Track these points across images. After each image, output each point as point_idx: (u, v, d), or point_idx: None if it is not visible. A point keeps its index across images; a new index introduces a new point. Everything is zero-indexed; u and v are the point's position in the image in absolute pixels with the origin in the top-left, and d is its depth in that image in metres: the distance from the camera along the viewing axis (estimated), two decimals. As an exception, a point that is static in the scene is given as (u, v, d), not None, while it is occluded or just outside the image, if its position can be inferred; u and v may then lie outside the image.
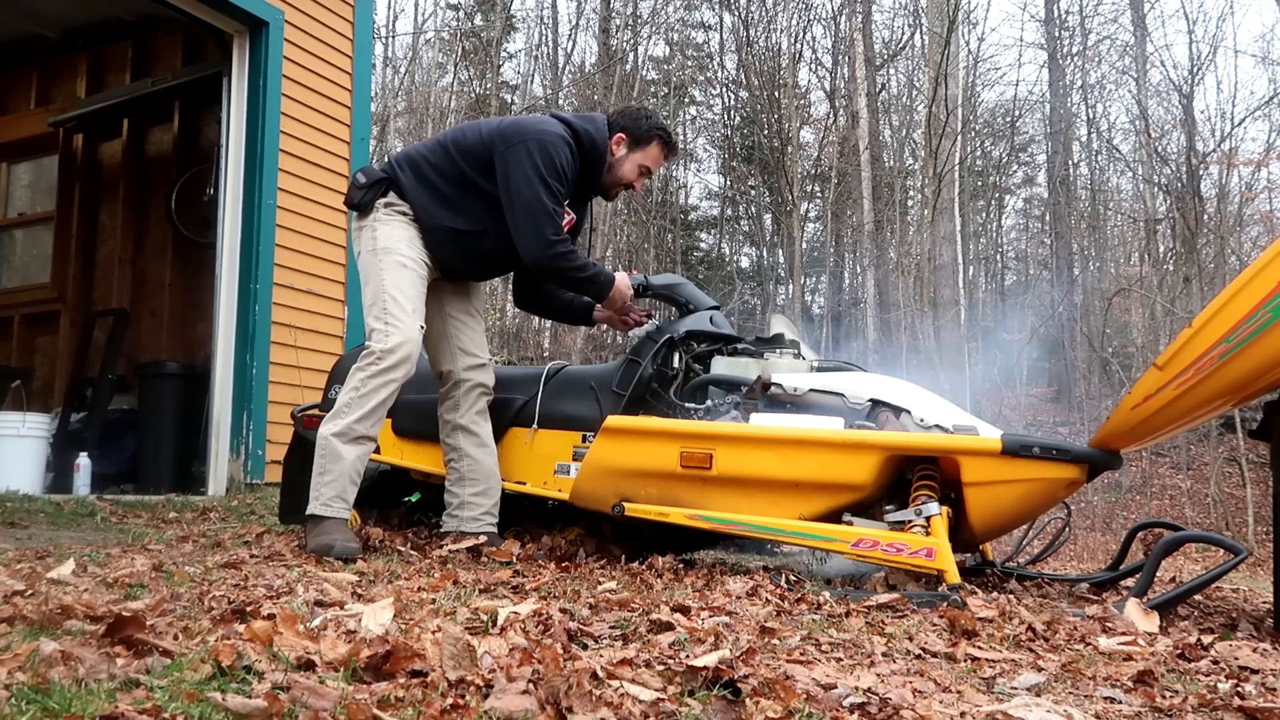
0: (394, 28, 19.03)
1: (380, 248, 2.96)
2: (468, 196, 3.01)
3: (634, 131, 3.09)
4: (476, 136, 3.03)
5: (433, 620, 1.74)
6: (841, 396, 2.88)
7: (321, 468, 2.85)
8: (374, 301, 2.94)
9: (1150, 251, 17.76)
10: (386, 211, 3.01)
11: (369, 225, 3.01)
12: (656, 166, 3.17)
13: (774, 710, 1.28)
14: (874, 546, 2.54)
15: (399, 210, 3.01)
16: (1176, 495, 13.02)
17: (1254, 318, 2.11)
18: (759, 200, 19.92)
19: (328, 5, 6.36)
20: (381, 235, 2.98)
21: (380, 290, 2.92)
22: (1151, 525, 3.04)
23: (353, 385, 2.88)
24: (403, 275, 2.94)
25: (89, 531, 3.75)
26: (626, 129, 3.09)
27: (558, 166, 2.92)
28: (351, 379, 2.90)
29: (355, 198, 3.04)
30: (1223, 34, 24.22)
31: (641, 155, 3.11)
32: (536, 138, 2.93)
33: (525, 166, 2.89)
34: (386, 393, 2.88)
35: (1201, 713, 1.44)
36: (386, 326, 2.88)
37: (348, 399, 2.87)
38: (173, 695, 1.20)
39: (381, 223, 3.00)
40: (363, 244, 3.02)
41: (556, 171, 2.92)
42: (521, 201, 2.90)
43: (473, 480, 3.10)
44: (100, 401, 6.39)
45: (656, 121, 3.15)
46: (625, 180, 3.13)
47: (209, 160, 6.39)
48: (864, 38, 17.74)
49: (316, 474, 2.86)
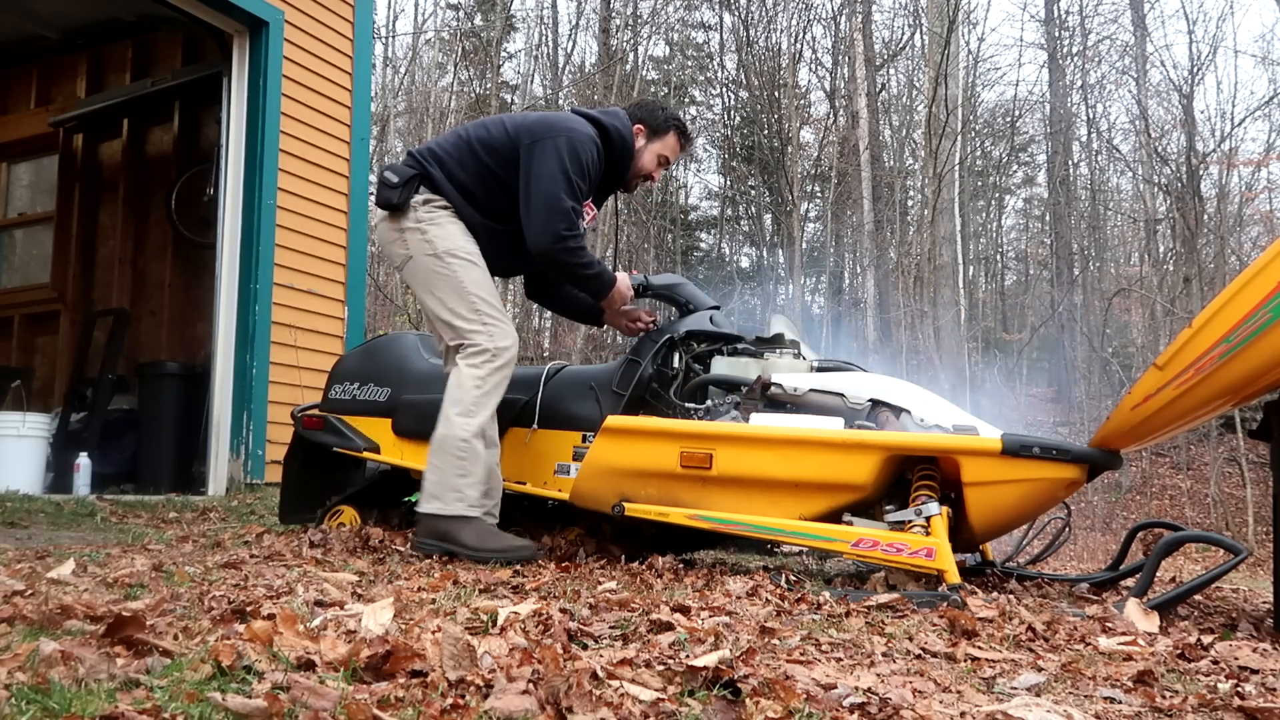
0: (394, 28, 19.09)
1: (443, 250, 2.92)
2: (494, 193, 3.00)
3: (651, 122, 3.14)
4: (502, 132, 3.01)
5: (433, 620, 1.74)
6: (841, 396, 2.88)
7: (463, 469, 2.80)
8: (460, 302, 2.90)
9: (1150, 251, 17.77)
10: (429, 209, 2.96)
11: (416, 227, 2.95)
12: (674, 156, 3.21)
13: (774, 710, 1.28)
14: (874, 546, 2.54)
15: (440, 206, 2.97)
16: (1176, 495, 13.02)
17: (1254, 318, 2.11)
18: (759, 200, 19.92)
19: (328, 5, 6.36)
20: (437, 235, 2.94)
21: (463, 290, 2.90)
22: (1151, 525, 3.04)
23: (473, 384, 2.84)
24: (478, 273, 2.95)
25: (89, 531, 3.75)
26: (644, 120, 3.14)
27: (584, 164, 2.93)
28: (468, 378, 2.84)
29: (393, 198, 2.95)
30: (1223, 34, 24.26)
31: (660, 145, 3.15)
32: (566, 135, 2.93)
33: (551, 162, 2.89)
34: (502, 390, 2.90)
35: (1201, 713, 1.44)
36: (488, 326, 2.89)
37: (474, 398, 2.83)
38: (173, 695, 1.20)
39: (432, 223, 2.95)
40: (413, 246, 2.95)
41: (582, 169, 2.93)
42: (540, 193, 2.90)
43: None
44: (100, 401, 6.39)
45: (672, 112, 3.20)
46: (645, 171, 3.17)
47: (209, 160, 6.39)
48: (864, 38, 17.74)
49: (456, 475, 2.80)
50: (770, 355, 3.09)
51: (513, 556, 2.73)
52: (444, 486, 2.81)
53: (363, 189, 6.57)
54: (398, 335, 3.88)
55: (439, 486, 2.82)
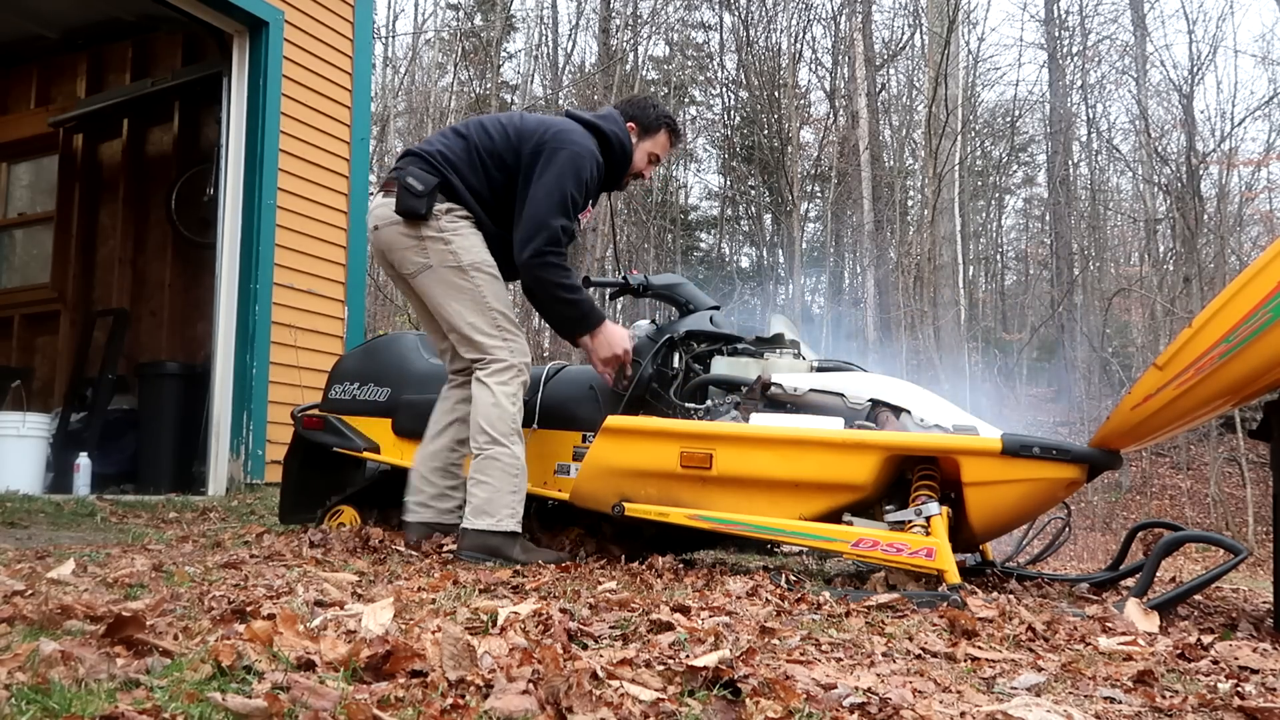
0: (394, 28, 19.09)
1: (468, 263, 2.93)
2: (502, 201, 3.01)
3: (644, 120, 3.15)
4: (504, 138, 3.00)
5: (433, 620, 1.74)
6: (841, 396, 2.88)
7: (515, 486, 2.87)
8: (482, 317, 2.92)
9: (1150, 251, 17.77)
10: (452, 219, 2.95)
11: (439, 236, 2.93)
12: (664, 154, 3.23)
13: (774, 710, 1.28)
14: (874, 546, 2.54)
15: (461, 215, 2.97)
16: (1176, 495, 13.01)
17: (1254, 318, 2.11)
18: (759, 200, 19.92)
19: (328, 5, 6.36)
20: (461, 247, 2.93)
21: (485, 305, 2.93)
22: (1151, 525, 3.04)
23: (510, 401, 2.88)
24: (499, 286, 2.98)
25: (89, 531, 3.75)
26: (636, 118, 3.15)
27: (584, 181, 2.95)
28: (505, 396, 2.87)
29: (420, 207, 2.91)
30: (1223, 34, 24.25)
31: (651, 143, 3.17)
32: (569, 151, 2.93)
33: (550, 178, 2.91)
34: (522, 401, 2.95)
35: (1201, 713, 1.44)
36: (508, 341, 2.93)
37: (513, 414, 2.88)
38: (173, 695, 1.20)
39: (456, 233, 2.94)
40: (434, 255, 2.92)
41: (582, 185, 2.95)
42: (537, 207, 2.90)
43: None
44: (100, 401, 6.40)
45: (663, 110, 3.22)
46: (637, 170, 3.18)
47: (209, 160, 6.40)
48: (864, 38, 17.74)
49: (510, 492, 2.85)
50: (770, 355, 3.10)
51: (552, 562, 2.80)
52: (497, 504, 2.85)
53: (363, 189, 6.57)
54: (398, 335, 3.88)
55: (491, 504, 2.85)
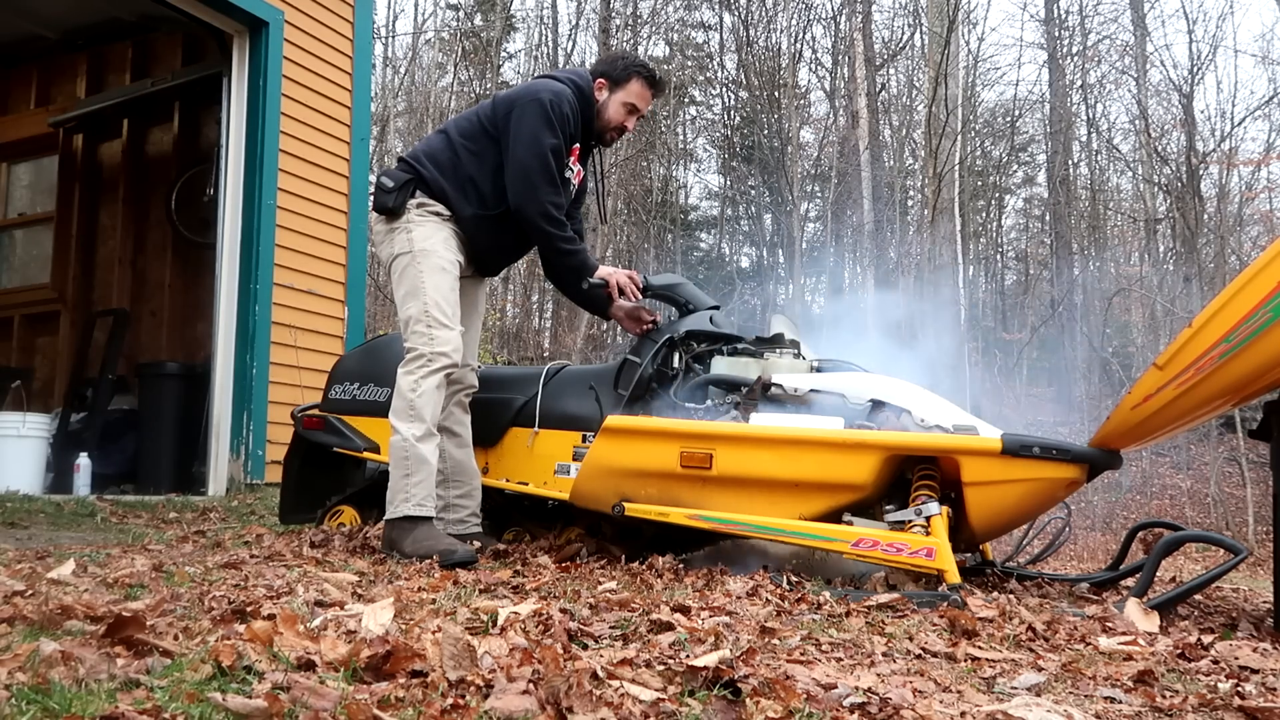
0: (394, 28, 19.04)
1: (419, 250, 2.99)
2: (481, 175, 3.07)
3: (611, 73, 3.18)
4: (478, 113, 3.13)
5: (433, 620, 1.74)
6: (842, 396, 2.88)
7: (407, 469, 2.87)
8: (416, 305, 2.96)
9: (1150, 251, 17.77)
10: (419, 213, 3.05)
11: (402, 228, 3.03)
12: (644, 104, 3.23)
13: (774, 710, 1.28)
14: (874, 546, 2.54)
15: (431, 211, 3.05)
16: (1176, 495, 13.01)
17: (1254, 318, 2.12)
18: (759, 200, 19.91)
19: (328, 5, 6.36)
20: (418, 237, 3.01)
21: (420, 291, 2.96)
22: (1151, 525, 3.04)
23: (409, 387, 2.91)
24: (443, 279, 2.99)
25: (89, 532, 3.75)
26: (604, 73, 3.19)
27: (564, 114, 3.02)
28: (404, 385, 2.92)
29: (388, 202, 3.04)
30: (1223, 34, 24.10)
31: (623, 94, 3.18)
32: (535, 98, 3.01)
33: (529, 122, 2.99)
34: (442, 391, 2.95)
35: (1201, 713, 1.44)
36: (431, 330, 2.94)
37: (409, 403, 2.90)
38: (173, 695, 1.20)
39: (416, 224, 3.02)
40: (396, 246, 3.03)
41: (563, 117, 3.02)
42: (520, 156, 2.99)
43: (457, 482, 3.14)
44: (100, 402, 6.40)
45: (633, 59, 3.25)
46: (616, 123, 3.19)
47: (209, 160, 6.39)
48: (864, 38, 17.73)
49: (401, 476, 2.87)
50: (770, 355, 3.10)
51: (446, 561, 2.67)
52: (394, 491, 2.90)
53: (363, 189, 6.57)
54: (398, 335, 3.88)
55: (392, 492, 2.91)
